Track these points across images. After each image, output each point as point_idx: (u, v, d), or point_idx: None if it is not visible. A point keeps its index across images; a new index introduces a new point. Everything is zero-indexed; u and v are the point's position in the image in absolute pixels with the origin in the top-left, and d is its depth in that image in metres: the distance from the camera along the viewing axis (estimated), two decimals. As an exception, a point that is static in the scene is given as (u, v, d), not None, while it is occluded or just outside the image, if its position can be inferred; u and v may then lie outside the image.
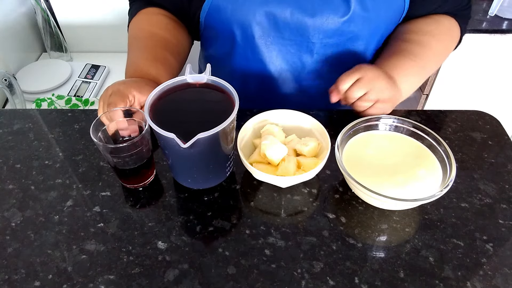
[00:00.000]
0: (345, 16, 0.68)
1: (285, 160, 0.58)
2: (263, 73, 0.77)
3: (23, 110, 0.75)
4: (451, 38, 0.76)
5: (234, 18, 0.70)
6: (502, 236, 0.54)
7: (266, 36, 0.72)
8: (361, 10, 0.68)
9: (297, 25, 0.70)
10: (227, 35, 0.74)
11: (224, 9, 0.70)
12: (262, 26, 0.70)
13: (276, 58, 0.75)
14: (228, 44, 0.76)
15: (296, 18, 0.69)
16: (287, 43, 0.73)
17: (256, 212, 0.57)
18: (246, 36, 0.73)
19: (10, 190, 0.60)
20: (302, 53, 0.74)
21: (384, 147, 0.61)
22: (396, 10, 0.72)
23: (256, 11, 0.69)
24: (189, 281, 0.50)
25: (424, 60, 0.71)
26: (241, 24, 0.71)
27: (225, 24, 0.72)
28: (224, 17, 0.71)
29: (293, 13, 0.68)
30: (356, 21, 0.69)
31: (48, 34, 1.36)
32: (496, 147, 0.67)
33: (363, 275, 0.50)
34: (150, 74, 0.67)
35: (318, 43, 0.72)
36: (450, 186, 0.52)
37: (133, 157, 0.55)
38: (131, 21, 0.78)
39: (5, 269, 0.51)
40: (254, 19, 0.69)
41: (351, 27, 0.70)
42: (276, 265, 0.51)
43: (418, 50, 0.71)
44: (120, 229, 0.55)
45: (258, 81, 0.79)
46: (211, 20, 0.74)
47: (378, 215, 0.57)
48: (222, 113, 0.51)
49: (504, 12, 1.32)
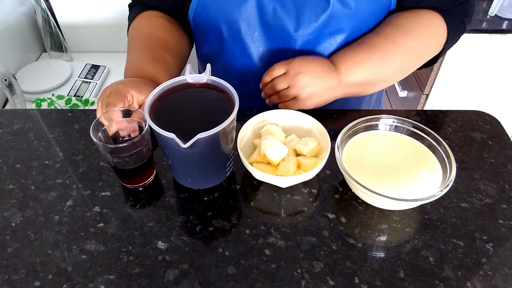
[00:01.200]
0: (324, 12, 0.68)
1: (285, 160, 0.58)
2: (254, 68, 0.77)
3: (23, 110, 0.75)
4: (428, 35, 0.72)
5: (221, 15, 0.71)
6: (502, 236, 0.54)
7: (252, 31, 0.72)
8: (342, 6, 0.67)
9: (279, 21, 0.70)
10: (215, 32, 0.74)
11: (211, 6, 0.70)
12: (247, 22, 0.71)
13: (263, 53, 0.75)
14: (217, 42, 0.76)
15: (278, 14, 0.69)
16: (272, 37, 0.73)
17: (256, 212, 0.57)
18: (233, 32, 0.73)
19: (10, 190, 0.60)
20: (286, 48, 0.74)
21: (384, 147, 0.61)
22: (381, 4, 0.70)
23: (241, 6, 0.69)
24: (189, 281, 0.50)
25: (386, 53, 0.69)
26: (227, 20, 0.71)
27: (212, 21, 0.72)
28: (211, 14, 0.71)
29: (275, 8, 0.68)
30: (337, 16, 0.68)
31: (48, 34, 1.36)
32: (496, 147, 0.67)
33: (363, 275, 0.50)
34: (149, 73, 0.67)
35: (299, 39, 0.72)
36: (450, 186, 0.52)
37: (133, 157, 0.55)
38: (130, 25, 0.79)
39: (5, 269, 0.51)
40: (239, 14, 0.70)
41: (331, 23, 0.69)
42: (276, 265, 0.51)
43: (382, 42, 0.69)
44: (120, 229, 0.55)
45: (252, 78, 0.78)
46: (199, 19, 0.74)
47: (378, 215, 0.57)
48: (222, 113, 0.51)
49: (504, 12, 1.32)
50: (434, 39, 0.73)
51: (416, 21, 0.71)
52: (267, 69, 0.75)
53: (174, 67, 0.74)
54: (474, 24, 1.29)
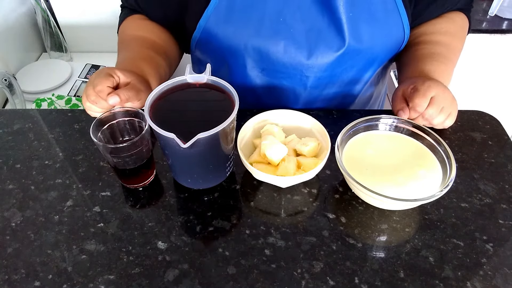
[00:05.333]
0: (339, 50, 0.67)
1: (285, 160, 0.58)
2: (256, 100, 0.76)
3: (23, 110, 0.75)
4: (465, 34, 0.77)
5: (226, 46, 0.69)
6: (502, 236, 0.54)
7: (258, 68, 0.71)
8: (356, 43, 0.67)
9: (291, 59, 0.68)
10: (219, 61, 0.73)
11: (216, 36, 0.68)
12: (254, 58, 0.69)
13: (269, 88, 0.74)
14: (220, 70, 0.75)
15: (290, 52, 0.67)
16: (280, 76, 0.71)
17: (256, 212, 0.57)
18: (237, 65, 0.71)
19: (10, 190, 0.60)
20: (295, 86, 0.73)
21: (384, 147, 0.61)
22: (395, 40, 0.70)
23: (248, 42, 0.67)
24: (189, 281, 0.50)
25: (452, 61, 0.71)
26: (233, 53, 0.69)
27: (217, 50, 0.71)
28: (216, 44, 0.69)
29: (286, 47, 0.67)
30: (351, 54, 0.68)
31: (48, 34, 1.36)
32: (496, 147, 0.67)
33: (363, 275, 0.50)
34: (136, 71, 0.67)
35: (312, 76, 0.70)
36: (450, 186, 0.52)
37: (133, 157, 0.55)
38: (119, 28, 0.79)
39: (5, 269, 0.51)
40: (246, 49, 0.68)
41: (345, 60, 0.69)
42: (276, 265, 0.51)
43: (445, 52, 0.70)
44: (120, 229, 0.55)
45: (252, 102, 0.78)
46: (203, 45, 0.73)
47: (378, 215, 0.57)
48: (222, 113, 0.51)
49: (504, 12, 1.32)
50: (466, 36, 0.78)
51: (454, 24, 0.75)
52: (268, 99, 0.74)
53: (162, 65, 0.73)
54: (474, 24, 1.29)
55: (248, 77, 0.72)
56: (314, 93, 0.74)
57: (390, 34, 0.69)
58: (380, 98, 0.91)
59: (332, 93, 0.75)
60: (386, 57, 0.74)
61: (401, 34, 0.70)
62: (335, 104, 0.78)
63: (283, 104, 0.76)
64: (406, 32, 0.69)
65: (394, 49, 0.73)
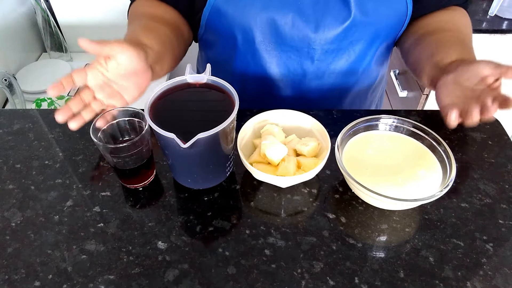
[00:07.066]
0: (345, 22, 0.68)
1: (285, 160, 0.58)
2: (263, 77, 0.77)
3: (23, 110, 0.75)
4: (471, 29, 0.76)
5: (235, 22, 0.70)
6: (502, 236, 0.54)
7: (267, 41, 0.72)
8: (362, 15, 0.68)
9: (298, 32, 0.69)
10: (228, 39, 0.74)
11: (225, 13, 0.69)
12: (263, 32, 0.70)
13: (276, 63, 0.75)
14: (229, 48, 0.75)
15: (297, 25, 0.68)
16: (288, 49, 0.72)
17: (256, 212, 0.57)
18: (247, 41, 0.72)
19: (10, 190, 0.60)
20: (303, 59, 0.74)
21: (384, 147, 0.61)
22: (398, 14, 0.71)
23: (257, 16, 0.68)
24: (189, 281, 0.50)
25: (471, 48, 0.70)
26: (242, 28, 0.70)
27: (226, 28, 0.72)
28: (225, 21, 0.70)
29: (294, 19, 0.68)
30: (357, 26, 0.69)
31: (48, 34, 1.36)
32: (496, 147, 0.67)
33: (363, 275, 0.50)
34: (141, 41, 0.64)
35: (319, 49, 0.71)
36: (450, 186, 0.52)
37: (133, 157, 0.55)
38: (129, 8, 0.78)
39: (5, 269, 0.51)
40: (255, 24, 0.69)
41: (352, 32, 0.70)
42: (276, 265, 0.51)
43: (467, 40, 0.70)
44: (120, 229, 0.55)
45: (257, 85, 0.78)
46: (212, 24, 0.73)
47: (378, 215, 0.57)
48: (222, 113, 0.51)
49: (504, 12, 1.32)
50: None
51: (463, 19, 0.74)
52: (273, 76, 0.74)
53: (169, 36, 0.70)
54: (474, 24, 1.28)
55: (257, 51, 0.73)
56: (321, 67, 0.75)
57: (393, 8, 0.70)
58: (382, 83, 0.91)
59: (338, 68, 0.76)
60: (390, 34, 0.75)
61: (404, 9, 0.71)
62: (341, 81, 0.78)
63: (290, 78, 0.77)
64: (409, 7, 0.71)
65: (397, 25, 0.74)
